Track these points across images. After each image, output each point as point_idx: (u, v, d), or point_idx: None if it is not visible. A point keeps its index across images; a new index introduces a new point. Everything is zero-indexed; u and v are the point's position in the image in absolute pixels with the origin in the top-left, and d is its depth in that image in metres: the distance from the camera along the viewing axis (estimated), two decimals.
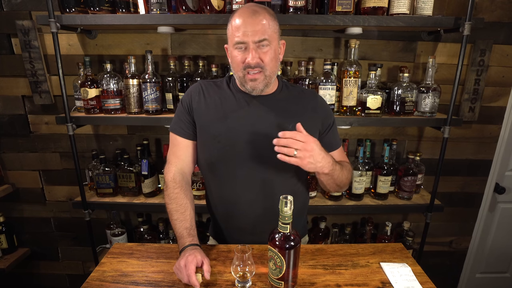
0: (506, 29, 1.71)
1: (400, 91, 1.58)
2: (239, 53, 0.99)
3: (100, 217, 2.00)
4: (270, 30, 0.98)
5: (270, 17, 0.99)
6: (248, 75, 1.00)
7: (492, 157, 1.96)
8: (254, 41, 0.96)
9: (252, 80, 1.01)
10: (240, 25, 0.97)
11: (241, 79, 1.04)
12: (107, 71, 1.58)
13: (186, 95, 1.14)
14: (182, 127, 1.12)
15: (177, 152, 1.14)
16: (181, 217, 1.04)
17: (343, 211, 1.74)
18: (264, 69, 1.00)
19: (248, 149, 1.06)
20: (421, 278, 0.97)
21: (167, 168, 1.13)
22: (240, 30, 0.96)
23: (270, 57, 1.00)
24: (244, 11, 0.99)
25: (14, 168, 1.95)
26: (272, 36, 0.99)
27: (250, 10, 0.98)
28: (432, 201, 1.68)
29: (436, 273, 2.18)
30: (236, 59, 1.01)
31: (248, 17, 0.96)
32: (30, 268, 2.15)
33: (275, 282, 0.88)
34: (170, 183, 1.10)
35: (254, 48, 0.97)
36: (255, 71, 0.99)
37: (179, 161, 1.13)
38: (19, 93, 1.81)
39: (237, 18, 0.98)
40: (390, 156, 1.74)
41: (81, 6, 1.47)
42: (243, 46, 0.98)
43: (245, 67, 1.00)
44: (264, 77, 1.01)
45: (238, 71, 1.02)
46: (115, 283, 0.94)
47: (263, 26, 0.96)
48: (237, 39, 0.97)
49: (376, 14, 1.43)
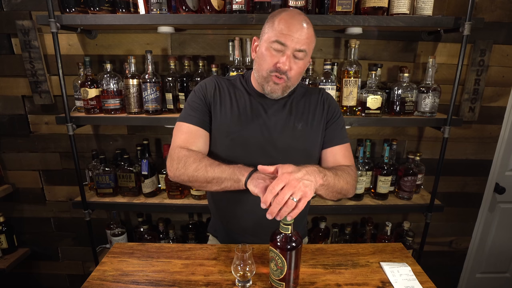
0: (506, 29, 1.71)
1: (400, 91, 1.58)
2: (273, 54, 0.97)
3: (100, 217, 2.00)
4: (310, 45, 0.99)
5: (314, 34, 1.00)
6: (273, 77, 0.99)
7: (492, 157, 1.96)
8: (294, 48, 0.95)
9: (275, 83, 1.00)
10: (287, 25, 0.94)
11: (263, 79, 1.01)
12: (107, 71, 1.58)
13: (201, 86, 1.10)
14: (197, 115, 1.05)
15: (188, 139, 1.03)
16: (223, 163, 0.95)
17: (343, 211, 1.74)
18: (288, 80, 0.99)
19: (257, 148, 1.06)
20: (421, 277, 0.97)
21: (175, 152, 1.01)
22: (284, 30, 0.94)
23: (299, 71, 1.00)
24: (294, 16, 0.96)
25: (14, 168, 1.95)
26: (309, 51, 1.00)
27: (301, 18, 0.96)
28: (432, 201, 1.68)
29: (436, 273, 2.18)
30: (267, 58, 0.98)
31: (298, 23, 0.95)
32: (30, 268, 2.15)
33: (276, 283, 0.88)
34: (188, 152, 0.99)
35: (290, 55, 0.96)
36: (281, 76, 0.99)
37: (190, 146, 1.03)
38: (19, 93, 1.81)
39: (285, 18, 0.95)
40: (390, 156, 1.74)
41: (81, 6, 1.47)
42: (281, 48, 0.96)
43: (274, 70, 0.98)
44: (285, 86, 1.02)
45: (263, 70, 1.00)
46: (116, 283, 0.94)
47: (308, 39, 0.96)
48: (279, 38, 0.94)
49: (376, 14, 1.43)
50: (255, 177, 0.88)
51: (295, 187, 0.78)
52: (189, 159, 0.97)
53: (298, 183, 0.79)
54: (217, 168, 0.94)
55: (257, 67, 1.03)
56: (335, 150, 1.13)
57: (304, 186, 0.80)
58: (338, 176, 0.97)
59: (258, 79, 1.05)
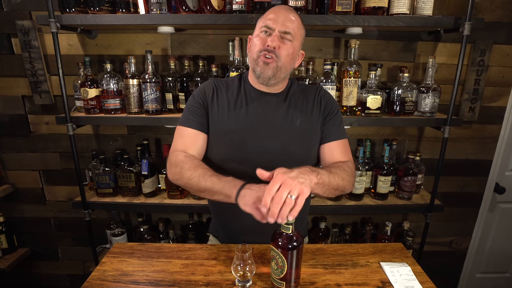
0: (506, 29, 1.71)
1: (400, 91, 1.58)
2: (262, 37, 1.02)
3: (100, 217, 2.00)
4: (296, 29, 1.03)
5: (301, 22, 1.06)
6: (262, 57, 1.02)
7: (492, 157, 1.96)
8: (280, 30, 1.01)
9: (264, 63, 1.01)
10: (272, 13, 1.03)
11: (254, 61, 1.04)
12: (107, 71, 1.58)
13: (199, 90, 1.13)
14: (195, 119, 1.08)
15: (186, 142, 1.07)
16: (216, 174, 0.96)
17: (343, 211, 1.74)
18: (278, 59, 1.01)
19: (258, 146, 1.06)
20: (421, 277, 0.97)
21: (173, 156, 1.04)
22: (271, 18, 1.02)
23: (287, 52, 1.02)
24: (280, 6, 1.08)
25: (14, 168, 1.95)
26: (296, 35, 1.03)
27: (287, 8, 1.07)
28: (432, 201, 1.68)
29: (436, 273, 2.18)
30: (257, 43, 1.03)
31: (283, 10, 1.04)
32: (30, 268, 2.15)
33: (277, 282, 0.88)
34: (185, 158, 1.01)
35: (277, 35, 1.01)
36: (269, 55, 1.01)
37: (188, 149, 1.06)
38: (19, 93, 1.81)
39: (275, 8, 1.06)
40: (390, 156, 1.74)
41: (81, 6, 1.47)
42: (269, 31, 1.02)
43: (262, 50, 1.01)
44: (276, 66, 1.02)
45: (254, 54, 1.04)
46: (116, 283, 0.94)
47: (293, 23, 1.02)
48: (266, 23, 1.02)
49: (376, 14, 1.43)
50: (243, 194, 0.88)
51: (291, 185, 0.79)
52: (185, 165, 0.99)
53: (293, 181, 0.80)
54: (209, 179, 0.95)
55: (249, 55, 1.08)
56: (332, 145, 1.12)
57: (299, 183, 0.80)
58: (332, 173, 0.97)
59: (250, 65, 1.08)
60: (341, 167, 1.04)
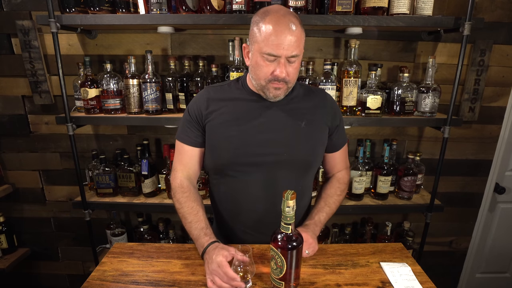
0: (506, 29, 1.71)
1: (400, 91, 1.58)
2: (267, 63, 0.96)
3: (100, 217, 2.00)
4: (301, 45, 0.97)
5: (302, 30, 0.96)
6: (273, 84, 0.99)
7: (492, 157, 1.96)
8: (287, 56, 0.94)
9: (276, 89, 1.00)
10: (275, 35, 0.91)
11: (262, 87, 1.02)
12: (107, 71, 1.58)
13: (193, 103, 1.12)
14: (189, 135, 1.11)
15: (184, 160, 1.14)
16: (195, 218, 1.05)
17: (343, 211, 1.73)
18: (287, 82, 1.00)
19: (260, 149, 1.05)
20: (421, 277, 0.97)
21: (173, 175, 1.14)
22: (274, 41, 0.91)
23: (296, 70, 1.00)
24: (280, 20, 0.92)
25: (14, 168, 1.95)
26: (301, 50, 0.98)
27: (287, 20, 0.92)
28: (432, 201, 1.68)
29: (436, 273, 2.18)
30: (263, 69, 0.97)
31: (285, 28, 0.91)
32: (30, 268, 2.15)
33: (276, 282, 0.88)
34: (178, 189, 1.11)
35: (285, 62, 0.95)
36: (280, 84, 0.99)
37: (186, 168, 1.14)
38: (19, 93, 1.81)
39: (272, 25, 0.92)
40: (390, 156, 1.74)
41: (81, 6, 1.47)
42: (275, 58, 0.95)
43: (272, 79, 0.98)
44: (287, 88, 1.02)
45: (261, 80, 1.00)
46: (116, 283, 0.94)
47: (297, 41, 0.93)
48: (270, 50, 0.93)
49: (376, 14, 1.43)
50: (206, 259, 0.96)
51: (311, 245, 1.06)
52: (176, 195, 1.11)
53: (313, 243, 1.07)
54: (188, 224, 1.07)
55: (254, 76, 1.03)
56: (335, 156, 1.21)
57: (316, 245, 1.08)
58: (330, 207, 1.17)
59: (257, 87, 1.05)
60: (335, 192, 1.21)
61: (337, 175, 1.24)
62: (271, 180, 1.07)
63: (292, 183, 1.09)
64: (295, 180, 1.11)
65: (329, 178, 1.26)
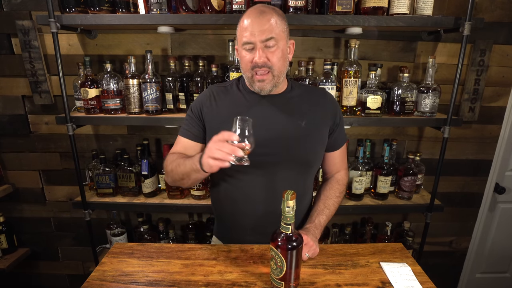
0: (506, 29, 1.71)
1: (400, 91, 1.58)
2: (247, 53, 1.00)
3: (100, 217, 2.00)
4: (277, 29, 0.98)
5: (278, 17, 0.99)
6: (256, 76, 1.01)
7: (492, 157, 1.96)
8: (261, 40, 0.97)
9: (260, 81, 1.02)
10: (247, 25, 0.98)
11: (249, 80, 1.05)
12: (107, 71, 1.58)
13: (197, 102, 1.14)
14: (190, 130, 1.13)
15: (179, 149, 1.14)
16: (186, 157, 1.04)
17: (343, 211, 1.73)
18: (272, 69, 1.00)
19: (260, 149, 1.05)
20: (421, 278, 0.97)
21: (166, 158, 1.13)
22: (247, 30, 0.97)
23: (278, 56, 1.00)
24: (251, 11, 1.00)
25: (14, 168, 1.95)
26: (279, 35, 0.99)
27: (258, 10, 0.99)
28: (432, 201, 1.68)
29: (436, 273, 2.18)
30: (244, 59, 1.02)
31: (255, 17, 0.97)
32: (30, 268, 2.15)
33: (276, 282, 0.88)
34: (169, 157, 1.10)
35: (261, 47, 0.98)
36: (262, 71, 1.00)
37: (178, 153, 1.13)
38: (19, 93, 1.81)
39: (245, 19, 0.99)
40: (390, 156, 1.74)
41: (81, 6, 1.47)
42: (251, 46, 0.99)
43: (253, 67, 1.00)
44: (272, 77, 1.02)
45: (246, 71, 1.03)
46: (116, 283, 0.94)
47: (270, 26, 0.97)
48: (244, 39, 0.98)
49: (376, 14, 1.43)
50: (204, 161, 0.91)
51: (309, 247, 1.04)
52: (167, 163, 1.08)
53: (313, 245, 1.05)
54: (182, 164, 1.01)
55: (242, 71, 1.07)
56: (335, 155, 1.21)
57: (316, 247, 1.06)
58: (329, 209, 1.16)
59: (246, 81, 1.08)
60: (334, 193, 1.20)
61: (336, 176, 1.24)
62: (271, 180, 1.07)
63: (292, 183, 1.09)
64: (295, 180, 1.11)
65: (328, 179, 1.26)
